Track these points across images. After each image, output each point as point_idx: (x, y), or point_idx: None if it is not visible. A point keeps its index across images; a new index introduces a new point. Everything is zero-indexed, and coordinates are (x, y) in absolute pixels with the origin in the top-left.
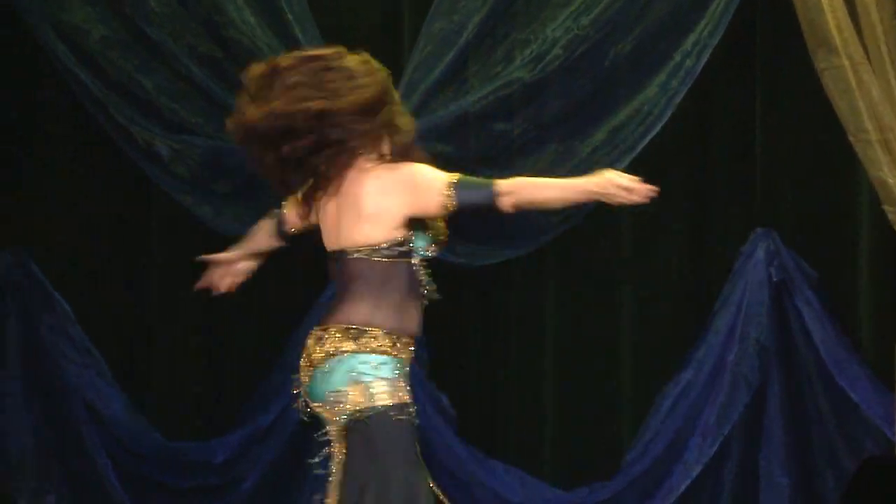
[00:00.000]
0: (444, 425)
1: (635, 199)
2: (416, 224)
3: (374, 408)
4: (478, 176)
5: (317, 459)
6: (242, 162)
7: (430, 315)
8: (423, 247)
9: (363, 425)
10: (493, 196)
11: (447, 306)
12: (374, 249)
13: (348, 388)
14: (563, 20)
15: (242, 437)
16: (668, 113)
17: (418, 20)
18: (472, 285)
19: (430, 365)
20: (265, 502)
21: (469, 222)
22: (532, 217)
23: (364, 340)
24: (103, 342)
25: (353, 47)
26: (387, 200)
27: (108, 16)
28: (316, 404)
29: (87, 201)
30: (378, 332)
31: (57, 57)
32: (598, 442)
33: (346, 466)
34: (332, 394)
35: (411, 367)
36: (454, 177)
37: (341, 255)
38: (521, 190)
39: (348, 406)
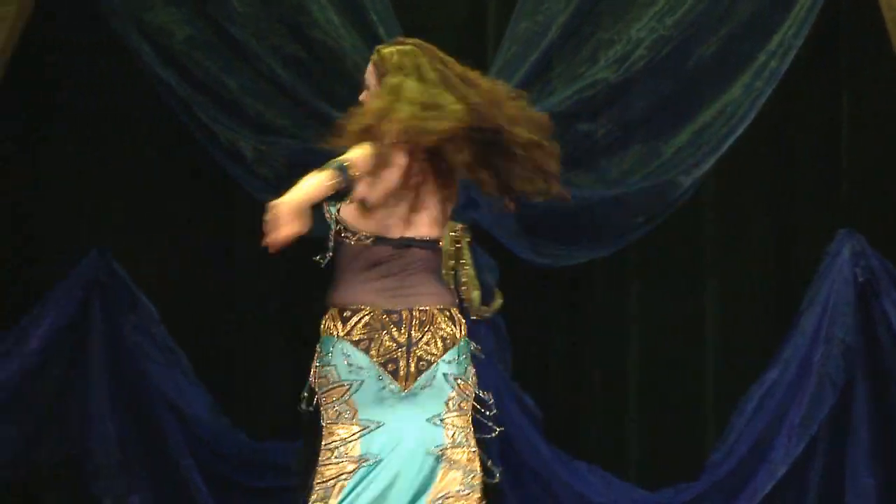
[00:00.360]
0: (528, 425)
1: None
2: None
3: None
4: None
5: None
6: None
7: (515, 316)
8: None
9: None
10: None
11: (531, 307)
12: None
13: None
14: (647, 21)
15: None
16: (753, 114)
17: (502, 21)
18: (555, 286)
19: (514, 365)
20: None
21: (552, 223)
22: (615, 217)
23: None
24: (187, 342)
25: (437, 47)
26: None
27: (193, 16)
28: (451, 376)
29: (172, 201)
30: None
31: (141, 57)
32: (682, 442)
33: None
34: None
35: (494, 366)
36: None
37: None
38: None
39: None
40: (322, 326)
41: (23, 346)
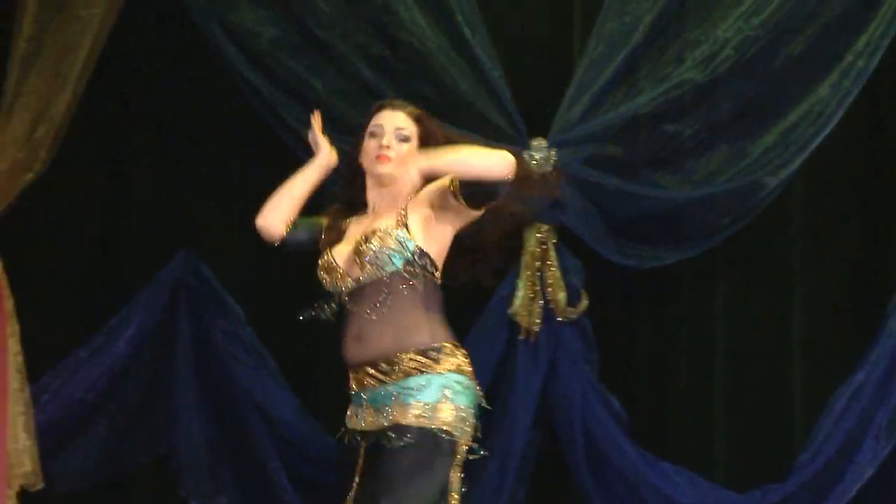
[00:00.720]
0: (614, 427)
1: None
2: None
3: None
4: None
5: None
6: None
7: (600, 316)
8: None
9: None
10: None
11: (618, 308)
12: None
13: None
14: (733, 21)
15: None
16: (840, 113)
17: (589, 22)
18: (641, 287)
19: (600, 367)
20: None
21: (638, 224)
22: (702, 218)
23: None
24: (274, 344)
25: (523, 48)
26: None
27: (278, 17)
28: None
29: (258, 203)
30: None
31: (227, 58)
32: (770, 443)
33: None
34: None
35: (580, 368)
36: None
37: None
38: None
39: None
40: (450, 363)
41: (111, 348)
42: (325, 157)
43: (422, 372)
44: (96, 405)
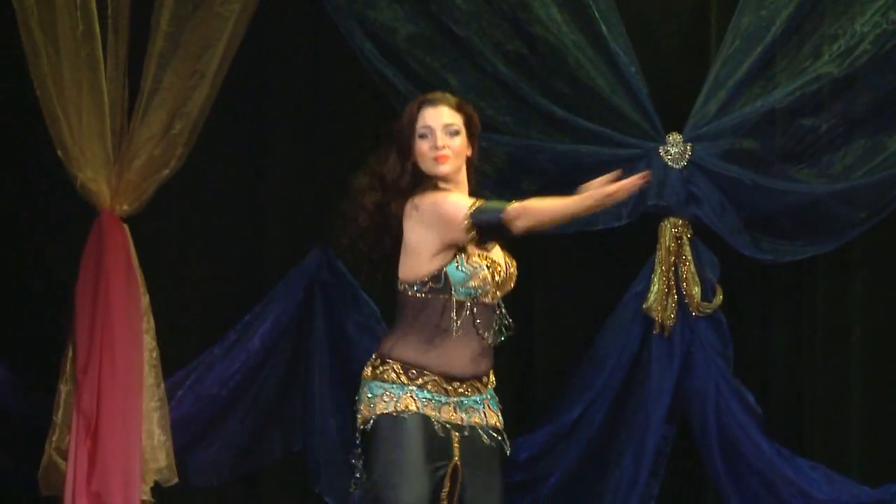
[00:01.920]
0: (750, 423)
1: (626, 191)
2: (452, 257)
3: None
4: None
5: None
6: (549, 160)
7: (736, 312)
8: (461, 282)
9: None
10: (502, 219)
11: (753, 303)
12: (412, 283)
13: (361, 408)
14: (871, 15)
15: (545, 434)
16: None
17: (726, 15)
18: (777, 282)
19: (735, 362)
20: (570, 499)
21: (774, 219)
22: (838, 212)
23: (381, 370)
24: None
25: (659, 43)
26: (422, 232)
27: (415, 14)
28: None
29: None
30: (397, 365)
31: (364, 55)
32: None
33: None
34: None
35: (715, 363)
36: (474, 203)
37: (397, 286)
38: (527, 212)
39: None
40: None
41: (246, 344)
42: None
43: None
44: (231, 401)
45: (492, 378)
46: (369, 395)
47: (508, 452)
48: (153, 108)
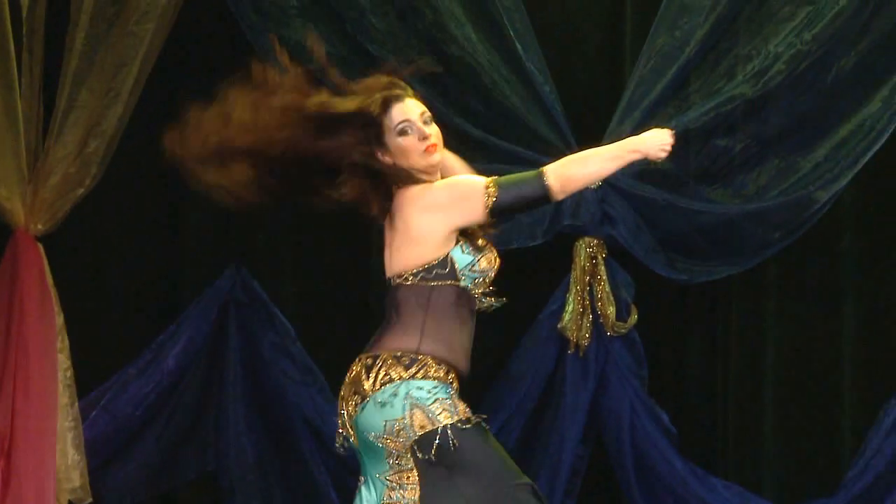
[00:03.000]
0: (663, 441)
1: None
2: (456, 241)
3: (438, 428)
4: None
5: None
6: None
7: (649, 332)
8: (468, 267)
9: (430, 446)
10: (543, 183)
11: (667, 323)
12: (415, 271)
13: (409, 414)
14: (785, 35)
15: None
16: (892, 128)
17: (641, 35)
18: (691, 302)
19: (649, 381)
20: None
21: (688, 239)
22: (752, 232)
23: (417, 368)
24: (324, 360)
25: (574, 63)
26: (431, 218)
27: (330, 33)
28: (371, 434)
29: (310, 220)
30: (430, 360)
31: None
32: (818, 458)
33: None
34: (392, 422)
35: (630, 382)
36: (490, 179)
37: (391, 280)
38: (566, 168)
39: (415, 430)
40: None
41: (161, 364)
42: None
43: None
44: (145, 421)
45: None
46: (418, 399)
47: None
48: (68, 126)
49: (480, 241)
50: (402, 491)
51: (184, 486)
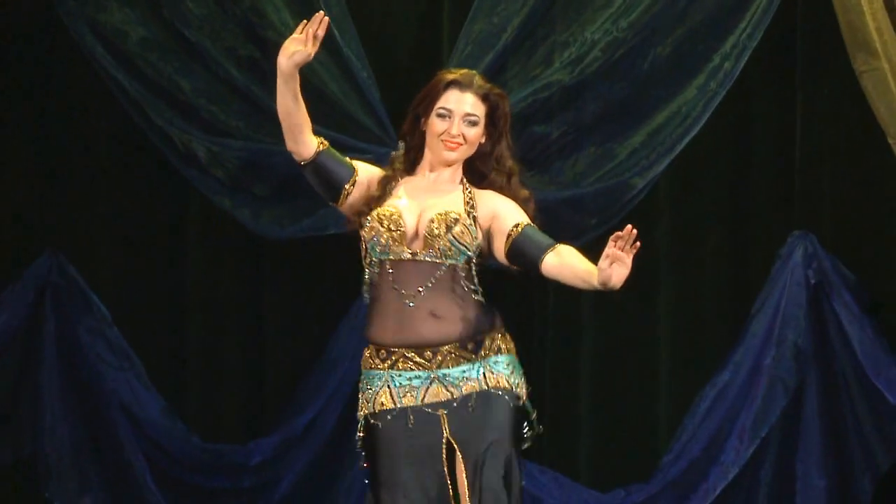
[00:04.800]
0: None
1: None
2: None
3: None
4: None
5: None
6: (281, 164)
7: None
8: (370, 242)
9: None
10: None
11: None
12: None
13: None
14: (601, 23)
15: (278, 439)
16: (707, 115)
17: (458, 21)
18: (507, 289)
19: None
20: (301, 503)
21: None
22: (569, 219)
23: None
24: (140, 345)
25: (392, 49)
26: None
27: (147, 18)
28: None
29: (126, 204)
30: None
31: (95, 58)
32: (634, 443)
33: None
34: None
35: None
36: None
37: None
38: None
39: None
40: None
41: None
42: (280, 62)
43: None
44: None
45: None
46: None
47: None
48: None
49: (374, 214)
50: None
51: None
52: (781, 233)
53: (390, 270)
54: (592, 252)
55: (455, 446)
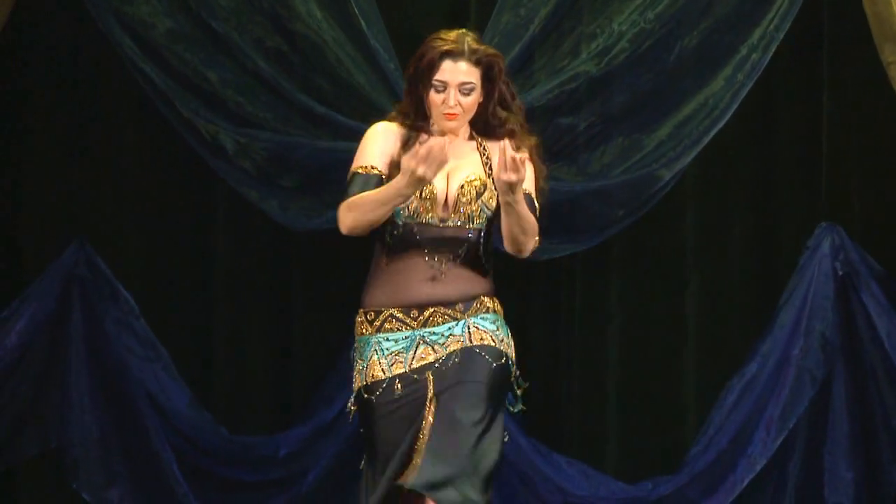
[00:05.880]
0: (507, 419)
1: (434, 160)
2: None
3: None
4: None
5: None
6: (309, 156)
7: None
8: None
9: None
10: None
11: (510, 301)
12: None
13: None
14: (629, 14)
15: (306, 430)
16: (734, 107)
17: (485, 13)
18: (536, 280)
19: None
20: (328, 495)
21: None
22: (596, 210)
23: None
24: (168, 336)
25: (419, 40)
26: None
27: (174, 9)
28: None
29: (154, 195)
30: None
31: (122, 50)
32: (662, 435)
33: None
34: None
35: None
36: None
37: None
38: (352, 209)
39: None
40: (499, 307)
41: (3, 340)
42: (406, 188)
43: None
44: None
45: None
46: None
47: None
48: None
49: None
50: None
51: (26, 463)
52: (809, 224)
53: (416, 235)
54: (613, 247)
55: (436, 401)
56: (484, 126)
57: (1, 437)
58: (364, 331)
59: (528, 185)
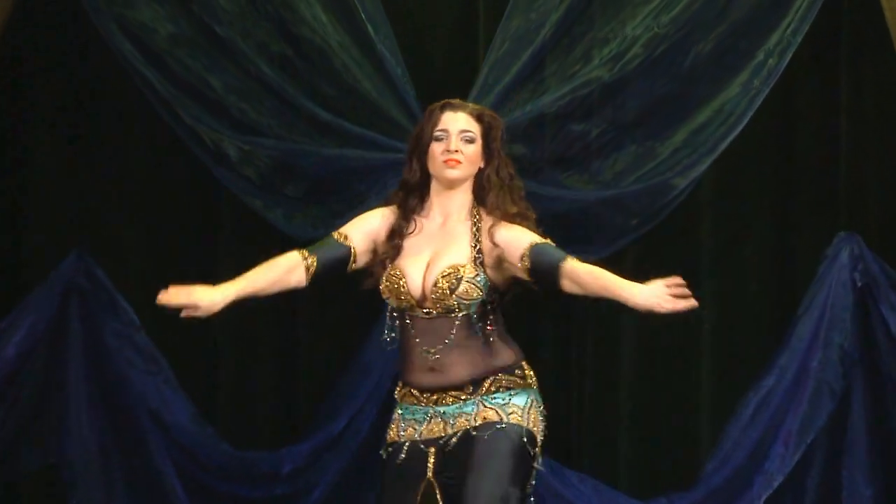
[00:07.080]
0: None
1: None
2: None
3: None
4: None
5: None
6: (314, 164)
7: (507, 320)
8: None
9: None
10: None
11: (522, 313)
12: None
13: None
14: (642, 19)
15: (311, 446)
16: (751, 113)
17: (495, 17)
18: (546, 292)
19: None
20: None
21: (545, 225)
22: (609, 219)
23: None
24: (169, 350)
25: (427, 45)
26: None
27: (176, 14)
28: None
29: (155, 204)
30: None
31: (123, 55)
32: (677, 450)
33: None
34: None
35: None
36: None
37: None
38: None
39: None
40: (530, 379)
41: (1, 352)
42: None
43: (508, 388)
44: None
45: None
46: None
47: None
48: None
49: (392, 267)
50: None
51: (25, 477)
52: (827, 234)
53: (409, 323)
54: (627, 257)
55: (436, 487)
56: (480, 191)
57: (0, 450)
58: (396, 393)
59: (531, 237)
